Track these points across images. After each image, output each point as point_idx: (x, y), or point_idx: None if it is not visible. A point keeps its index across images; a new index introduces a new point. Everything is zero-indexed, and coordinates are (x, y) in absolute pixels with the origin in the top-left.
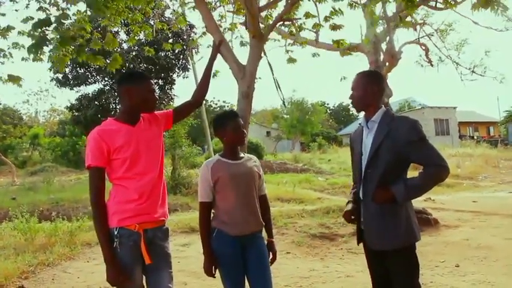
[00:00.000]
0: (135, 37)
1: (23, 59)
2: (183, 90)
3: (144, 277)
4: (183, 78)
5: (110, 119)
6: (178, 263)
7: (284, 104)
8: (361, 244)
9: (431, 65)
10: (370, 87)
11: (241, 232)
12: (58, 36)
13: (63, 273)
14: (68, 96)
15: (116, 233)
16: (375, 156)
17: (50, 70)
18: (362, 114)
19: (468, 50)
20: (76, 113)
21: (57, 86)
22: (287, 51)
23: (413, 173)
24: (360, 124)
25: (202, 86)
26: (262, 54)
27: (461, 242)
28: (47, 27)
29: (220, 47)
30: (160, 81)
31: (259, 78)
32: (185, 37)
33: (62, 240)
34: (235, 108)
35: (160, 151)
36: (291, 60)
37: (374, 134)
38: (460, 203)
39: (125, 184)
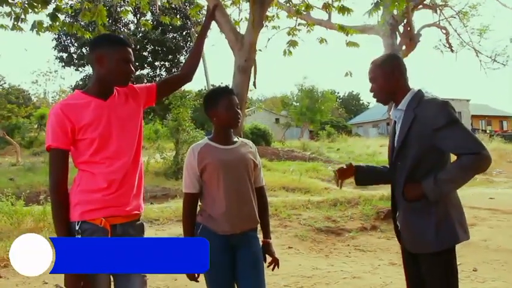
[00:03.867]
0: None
1: (1, 26)
2: None
3: (112, 282)
4: None
5: (77, 91)
6: None
7: (254, 86)
8: (369, 240)
9: (452, 50)
10: (390, 73)
11: (230, 230)
12: None
13: None
14: (77, 77)
15: (77, 227)
16: (403, 147)
17: (55, 49)
18: (375, 102)
19: (490, 37)
20: None
21: (62, 66)
22: (290, 33)
23: None
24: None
25: (192, 58)
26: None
27: (479, 243)
28: None
29: (214, 12)
30: (167, 63)
31: (260, 50)
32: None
33: (52, 226)
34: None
35: (137, 131)
36: (293, 43)
37: (401, 123)
38: (475, 199)
39: (92, 170)
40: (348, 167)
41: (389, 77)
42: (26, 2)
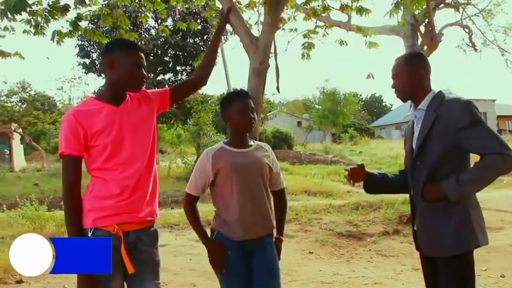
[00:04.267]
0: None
1: (24, 31)
2: (211, 77)
3: None
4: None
5: (90, 97)
6: (190, 261)
7: (278, 90)
8: (391, 245)
9: (475, 50)
10: (415, 71)
11: (244, 236)
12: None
13: None
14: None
15: (89, 234)
16: (423, 147)
17: (78, 55)
18: (398, 104)
19: None
20: None
21: (84, 72)
22: (306, 36)
23: None
24: (409, 118)
25: (207, 62)
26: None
27: (506, 247)
28: None
29: (229, 15)
30: (188, 68)
31: (276, 53)
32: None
33: None
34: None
35: (151, 137)
36: (310, 45)
37: (421, 123)
38: (502, 202)
39: (105, 176)
40: (358, 167)
41: (413, 75)
42: (47, 10)
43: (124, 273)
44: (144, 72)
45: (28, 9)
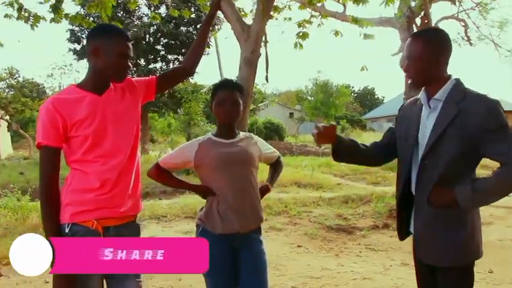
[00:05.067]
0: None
1: (6, 16)
2: (204, 66)
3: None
4: (205, 54)
5: (71, 85)
6: None
7: (267, 80)
8: (380, 239)
9: (470, 44)
10: (435, 55)
11: (232, 229)
12: None
13: None
14: None
15: (67, 230)
16: (437, 146)
17: (68, 41)
18: (390, 97)
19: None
20: None
21: (75, 59)
22: (301, 25)
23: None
24: (417, 100)
25: (195, 50)
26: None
27: (495, 242)
28: None
29: (220, 1)
30: (180, 57)
31: (268, 42)
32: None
33: None
34: None
35: (134, 127)
36: (304, 35)
37: (437, 116)
38: None
39: (85, 169)
40: (330, 127)
41: (434, 61)
42: None
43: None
44: (129, 64)
45: None
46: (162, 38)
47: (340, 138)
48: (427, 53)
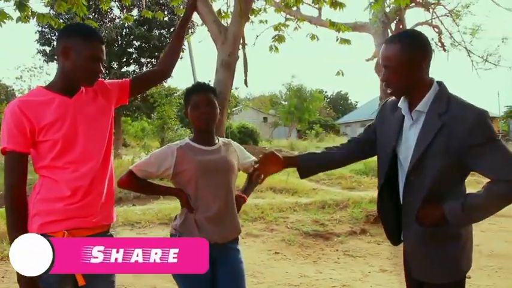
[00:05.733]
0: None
1: None
2: (177, 70)
3: None
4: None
5: (38, 86)
6: None
7: (246, 84)
8: (358, 245)
9: (444, 50)
10: (416, 63)
11: (210, 240)
12: None
13: None
14: None
15: None
16: (422, 162)
17: (38, 42)
18: (363, 102)
19: (482, 37)
20: None
21: (44, 61)
22: (277, 28)
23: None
24: (398, 106)
25: (171, 53)
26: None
27: (474, 248)
28: None
29: (196, 2)
30: (153, 60)
31: (246, 44)
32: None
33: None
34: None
35: (107, 132)
36: (281, 38)
37: (420, 130)
38: None
39: (54, 176)
40: (270, 155)
41: (414, 68)
42: None
43: (75, 284)
44: (101, 67)
45: None
46: (134, 41)
47: (300, 158)
48: (408, 59)
